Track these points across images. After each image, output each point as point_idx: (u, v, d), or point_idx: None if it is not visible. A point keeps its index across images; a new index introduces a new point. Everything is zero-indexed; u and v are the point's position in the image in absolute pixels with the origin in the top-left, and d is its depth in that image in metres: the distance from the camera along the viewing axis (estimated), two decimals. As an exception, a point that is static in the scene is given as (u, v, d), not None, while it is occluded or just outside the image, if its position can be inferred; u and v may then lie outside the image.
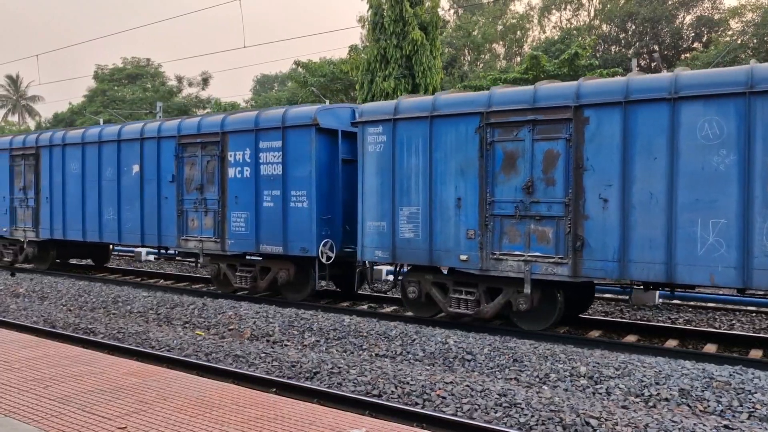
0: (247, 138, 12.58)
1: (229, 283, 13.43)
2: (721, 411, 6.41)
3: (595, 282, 10.23)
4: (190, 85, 59.50)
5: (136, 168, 14.56)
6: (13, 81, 78.69)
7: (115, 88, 57.42)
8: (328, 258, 11.75)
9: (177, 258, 19.57)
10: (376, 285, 13.27)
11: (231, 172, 12.82)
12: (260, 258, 12.81)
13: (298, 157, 11.86)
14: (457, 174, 10.01)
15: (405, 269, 11.35)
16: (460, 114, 9.97)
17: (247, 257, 13.13)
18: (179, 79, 59.53)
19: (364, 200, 11.00)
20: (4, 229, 17.77)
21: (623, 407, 6.55)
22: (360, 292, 13.43)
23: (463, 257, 9.92)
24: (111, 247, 19.22)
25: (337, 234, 12.02)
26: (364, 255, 11.09)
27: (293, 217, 11.87)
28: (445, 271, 10.76)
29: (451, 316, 10.66)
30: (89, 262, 19.50)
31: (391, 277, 13.37)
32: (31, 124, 74.99)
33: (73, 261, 19.55)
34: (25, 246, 17.45)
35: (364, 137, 11.01)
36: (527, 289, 9.43)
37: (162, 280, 16.56)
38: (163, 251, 16.26)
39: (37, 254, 17.46)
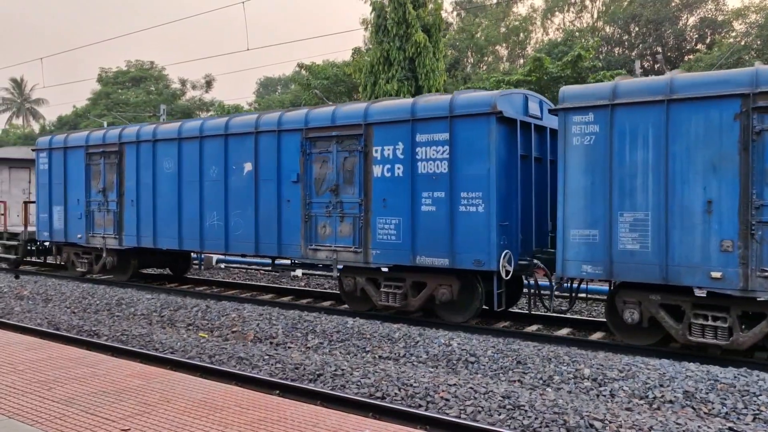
0: (399, 130, 10.67)
1: (368, 301, 11.55)
2: (726, 413, 6.39)
3: None
4: (194, 87, 59.67)
5: (248, 166, 12.54)
6: (18, 84, 78.99)
7: (119, 91, 57.62)
8: (507, 272, 9.93)
9: (294, 272, 16.04)
10: (561, 305, 11.83)
11: (376, 170, 10.94)
12: (411, 272, 10.89)
13: (472, 152, 9.98)
14: (705, 171, 8.21)
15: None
16: (712, 97, 8.19)
17: (390, 271, 11.25)
18: (183, 82, 59.70)
19: (566, 204, 9.19)
20: (79, 236, 15.73)
21: (627, 409, 6.54)
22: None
23: (715, 275, 8.12)
24: (191, 255, 17.32)
25: (514, 244, 10.25)
26: (567, 270, 9.18)
27: (463, 224, 10.00)
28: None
29: (689, 344, 8.78)
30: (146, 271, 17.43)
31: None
32: (35, 127, 75.27)
33: (147, 271, 17.57)
34: (103, 254, 15.43)
35: (567, 127, 9.16)
36: None
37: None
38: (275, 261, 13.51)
39: (116, 264, 15.47)
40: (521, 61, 47.34)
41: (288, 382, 7.51)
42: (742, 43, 34.72)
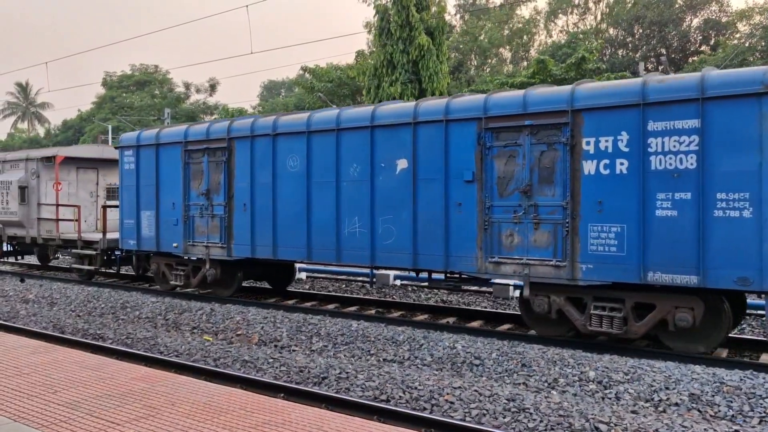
0: (622, 117, 8.76)
1: (563, 324, 9.64)
2: (732, 416, 6.36)
3: None
4: (198, 91, 59.92)
5: (402, 163, 10.59)
6: (23, 88, 79.39)
7: (124, 94, 57.86)
8: None
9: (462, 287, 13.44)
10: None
11: (588, 166, 8.97)
12: (634, 291, 8.93)
13: (733, 143, 8.11)
14: None
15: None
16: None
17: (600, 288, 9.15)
18: (187, 86, 59.95)
19: None
20: (175, 245, 13.57)
21: (633, 412, 6.51)
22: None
23: None
24: (295, 267, 15.00)
25: None
26: None
27: (720, 233, 8.09)
28: None
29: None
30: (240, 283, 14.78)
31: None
32: (41, 131, 75.59)
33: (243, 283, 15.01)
34: (205, 266, 13.17)
35: None
36: None
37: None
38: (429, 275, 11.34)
39: (220, 276, 13.25)
40: (524, 63, 47.34)
41: (292, 385, 7.51)
42: (746, 44, 34.66)
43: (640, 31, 42.92)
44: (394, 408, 6.61)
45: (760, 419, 6.27)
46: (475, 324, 11.06)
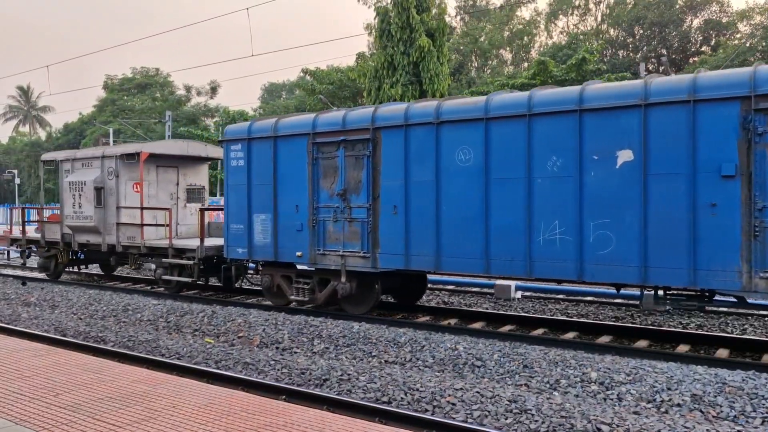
0: None
1: None
2: (734, 416, 6.35)
3: None
4: (199, 94, 60.02)
5: (625, 155, 8.77)
6: (24, 92, 79.60)
7: (125, 97, 57.99)
8: None
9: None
10: None
11: None
12: None
13: None
14: None
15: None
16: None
17: None
18: (188, 88, 60.08)
19: None
20: (299, 254, 11.63)
21: (635, 413, 6.51)
22: None
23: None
24: (427, 278, 12.99)
25: None
26: None
27: None
28: None
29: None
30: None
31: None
32: (42, 134, 75.72)
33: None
34: (340, 279, 11.22)
35: None
36: None
37: None
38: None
39: (354, 292, 11.36)
40: (525, 64, 47.36)
41: (294, 387, 7.51)
42: (748, 44, 34.65)
43: (641, 31, 42.94)
44: (395, 410, 6.60)
45: (763, 420, 6.25)
46: (477, 325, 11.06)
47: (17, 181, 53.56)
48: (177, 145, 16.57)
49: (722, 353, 9.09)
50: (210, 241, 13.94)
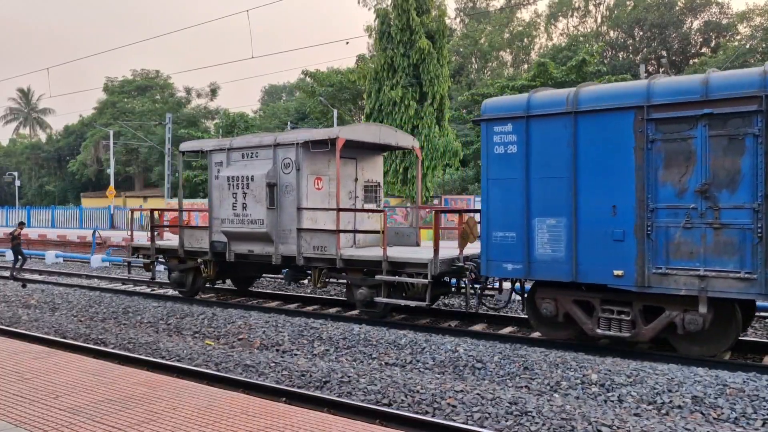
0: None
1: None
2: (735, 418, 6.34)
3: None
4: (199, 96, 60.05)
5: None
6: (25, 94, 79.65)
7: (125, 100, 58.04)
8: None
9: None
10: None
11: None
12: None
13: None
14: None
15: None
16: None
17: None
18: (188, 91, 60.13)
19: None
20: (617, 273, 8.62)
21: (636, 415, 6.50)
22: None
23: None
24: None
25: None
26: None
27: None
28: None
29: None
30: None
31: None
32: (42, 136, 75.78)
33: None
34: (684, 310, 8.33)
35: None
36: None
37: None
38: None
39: (708, 326, 8.35)
40: (525, 66, 47.39)
41: (295, 389, 7.50)
42: (747, 45, 34.67)
43: (641, 33, 42.97)
44: (396, 412, 6.59)
45: (764, 421, 6.25)
46: (477, 327, 11.05)
47: (17, 183, 53.57)
48: (370, 130, 13.02)
49: (723, 355, 9.07)
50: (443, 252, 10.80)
